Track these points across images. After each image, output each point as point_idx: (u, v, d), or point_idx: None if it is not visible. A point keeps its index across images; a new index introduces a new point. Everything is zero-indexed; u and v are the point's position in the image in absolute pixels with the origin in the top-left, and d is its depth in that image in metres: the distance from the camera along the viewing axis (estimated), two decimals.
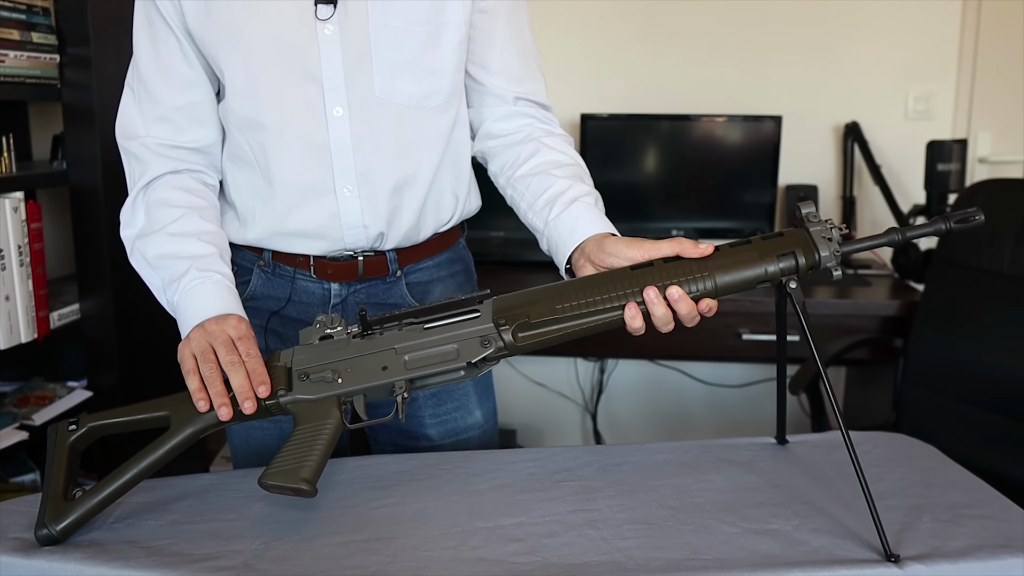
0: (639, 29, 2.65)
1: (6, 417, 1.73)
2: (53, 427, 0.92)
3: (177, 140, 1.08)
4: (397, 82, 1.06)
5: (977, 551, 0.80)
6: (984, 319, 1.92)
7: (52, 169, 1.83)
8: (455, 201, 1.17)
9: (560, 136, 1.16)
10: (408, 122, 1.08)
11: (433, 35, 1.06)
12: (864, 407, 2.61)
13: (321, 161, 1.06)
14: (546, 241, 1.07)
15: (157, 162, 1.08)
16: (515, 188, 1.13)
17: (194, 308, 0.98)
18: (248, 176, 1.10)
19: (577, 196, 1.06)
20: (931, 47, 2.62)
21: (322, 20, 1.02)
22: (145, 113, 1.08)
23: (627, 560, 0.80)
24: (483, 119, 1.17)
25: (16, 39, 1.65)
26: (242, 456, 1.21)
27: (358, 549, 0.83)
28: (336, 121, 1.05)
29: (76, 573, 0.81)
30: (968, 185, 2.24)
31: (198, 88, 1.08)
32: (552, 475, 0.98)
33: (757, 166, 2.53)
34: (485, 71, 1.14)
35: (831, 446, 1.05)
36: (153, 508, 0.93)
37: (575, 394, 2.84)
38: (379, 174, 1.08)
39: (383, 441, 1.23)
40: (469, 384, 1.21)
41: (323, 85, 1.04)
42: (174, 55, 1.06)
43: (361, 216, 1.09)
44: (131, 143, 1.09)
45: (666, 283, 0.89)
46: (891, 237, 0.89)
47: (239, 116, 1.07)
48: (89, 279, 1.84)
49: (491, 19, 1.12)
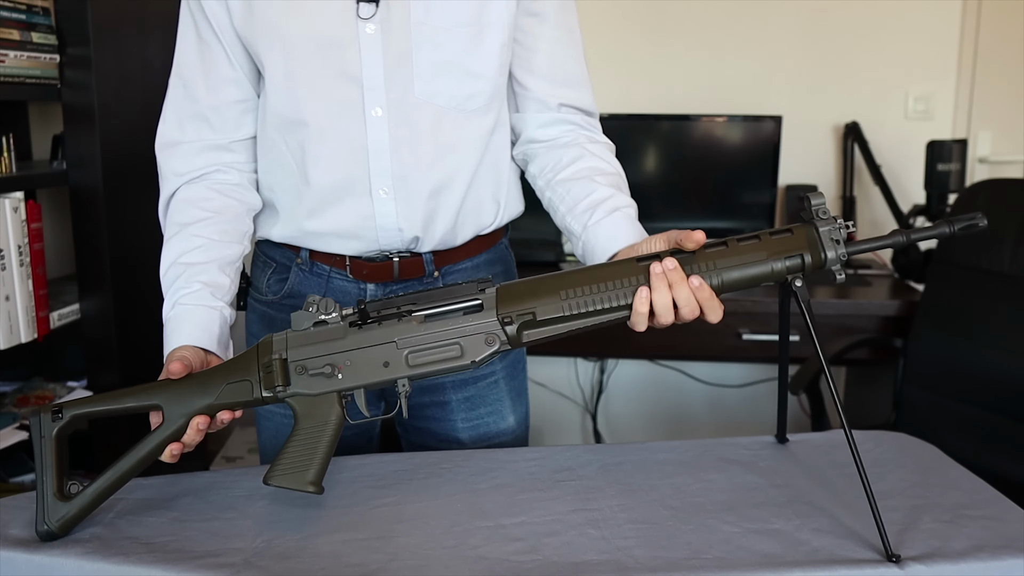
0: (639, 29, 2.65)
1: (6, 417, 1.73)
2: (36, 417, 0.90)
3: (213, 139, 1.08)
4: (437, 83, 1.05)
5: (978, 551, 0.80)
6: (984, 319, 1.92)
7: (52, 169, 1.83)
8: (496, 206, 1.15)
9: (603, 144, 1.16)
10: (447, 124, 1.07)
11: (475, 36, 1.05)
12: (864, 407, 2.61)
13: (358, 162, 1.05)
14: (582, 246, 1.07)
15: (171, 179, 1.08)
16: (555, 191, 1.12)
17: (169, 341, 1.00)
18: (283, 175, 1.09)
19: (618, 206, 1.05)
20: (931, 47, 2.62)
21: (364, 19, 1.01)
22: (182, 111, 1.08)
23: (628, 559, 0.80)
24: (525, 123, 1.16)
25: (16, 39, 1.65)
26: (269, 451, 1.21)
27: (359, 547, 0.83)
28: (375, 122, 1.04)
29: (77, 569, 0.81)
30: (968, 185, 2.24)
31: (238, 87, 1.08)
32: (553, 474, 0.98)
33: (757, 166, 2.53)
34: (530, 75, 1.13)
35: (832, 446, 1.05)
36: (154, 505, 0.93)
37: (575, 394, 2.84)
38: (416, 176, 1.07)
39: (415, 442, 1.22)
40: (503, 390, 1.21)
41: (363, 85, 1.03)
42: (216, 54, 1.06)
43: (396, 219, 1.08)
44: (160, 154, 1.10)
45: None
46: (896, 239, 0.88)
47: (278, 114, 1.06)
48: (89, 279, 1.84)
49: (539, 22, 1.11)
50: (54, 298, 1.83)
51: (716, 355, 2.43)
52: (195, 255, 1.03)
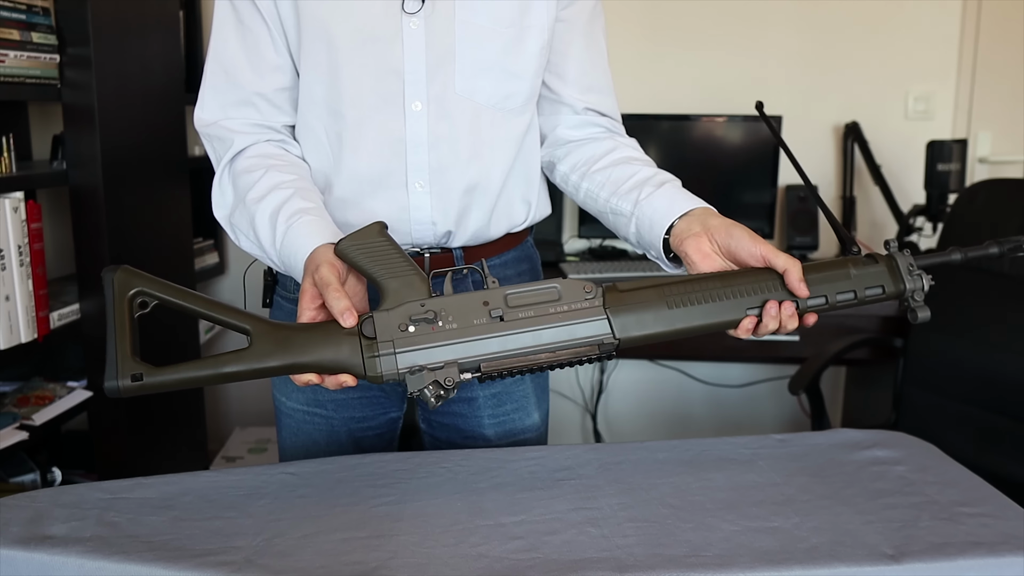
0: (639, 29, 2.65)
1: (6, 417, 1.73)
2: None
3: (261, 121, 1.08)
4: (478, 81, 1.06)
5: (976, 549, 0.80)
6: (984, 319, 1.92)
7: (52, 169, 1.83)
8: (527, 206, 1.17)
9: (633, 141, 1.18)
10: (485, 122, 1.08)
11: (517, 37, 1.06)
12: (864, 407, 2.61)
13: (396, 154, 1.06)
14: (635, 223, 1.06)
15: (240, 138, 1.07)
16: (593, 180, 1.13)
17: (293, 261, 0.97)
18: (318, 161, 1.09)
19: (665, 180, 1.07)
20: (931, 47, 2.62)
21: (409, 14, 1.02)
22: (225, 98, 1.07)
23: (627, 557, 0.80)
24: (555, 126, 1.17)
25: (16, 39, 1.65)
26: (290, 449, 1.21)
27: (359, 545, 0.83)
28: (414, 116, 1.05)
29: (77, 568, 0.81)
30: (968, 185, 2.25)
31: (283, 74, 1.08)
32: (553, 473, 0.99)
33: (757, 166, 2.54)
34: (561, 80, 1.15)
35: (831, 444, 1.05)
36: (155, 504, 0.93)
37: (575, 394, 2.84)
38: (452, 172, 1.08)
39: (440, 439, 1.23)
40: (529, 386, 1.21)
41: (404, 79, 1.04)
42: (261, 40, 1.06)
43: (431, 212, 1.08)
44: (211, 127, 1.08)
45: (783, 299, 0.91)
46: (952, 256, 0.95)
47: (318, 104, 1.06)
48: (89, 279, 1.84)
49: (569, 28, 1.12)
50: (54, 298, 1.83)
51: (716, 355, 2.44)
52: (295, 183, 1.03)
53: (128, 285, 0.86)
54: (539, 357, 0.88)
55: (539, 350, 0.88)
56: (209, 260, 2.57)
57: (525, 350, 0.88)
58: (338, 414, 1.18)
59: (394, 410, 1.22)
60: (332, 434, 1.18)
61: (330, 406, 1.17)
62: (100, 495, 0.94)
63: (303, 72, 1.07)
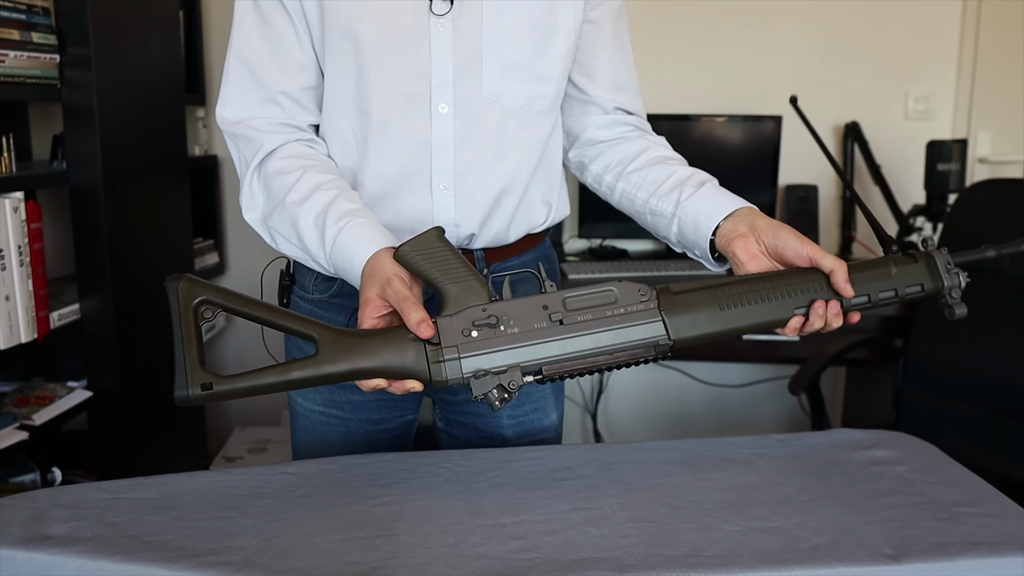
0: (639, 29, 2.64)
1: (6, 417, 1.73)
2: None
3: (286, 120, 1.07)
4: (505, 83, 1.06)
5: (976, 549, 0.80)
6: (984, 319, 1.92)
7: (52, 169, 1.83)
8: (548, 207, 1.17)
9: (663, 139, 1.18)
10: (511, 124, 1.08)
11: (544, 40, 1.06)
12: (864, 407, 2.61)
13: (421, 156, 1.06)
14: (677, 222, 1.07)
15: (269, 138, 1.05)
16: (629, 181, 1.13)
17: (348, 266, 0.97)
18: (346, 164, 1.09)
19: (705, 180, 1.08)
20: (931, 47, 2.62)
21: (438, 15, 1.02)
22: (249, 97, 1.06)
23: (627, 557, 0.80)
24: (585, 127, 1.17)
25: (16, 39, 1.65)
26: (304, 450, 1.20)
27: (359, 545, 0.83)
28: (440, 117, 1.05)
29: (77, 568, 0.81)
30: (968, 185, 2.25)
31: (309, 73, 1.07)
32: (552, 473, 0.99)
33: (757, 166, 2.53)
34: (590, 81, 1.15)
35: (831, 444, 1.05)
36: (155, 504, 0.93)
37: (575, 394, 2.84)
38: (477, 174, 1.07)
39: (459, 437, 1.22)
40: (547, 387, 1.21)
41: (431, 80, 1.03)
42: (286, 38, 1.05)
43: (454, 214, 1.08)
44: (236, 127, 1.06)
45: (829, 299, 0.93)
46: (986, 253, 0.97)
47: (346, 103, 1.06)
48: (89, 279, 1.84)
49: (598, 29, 1.12)
50: (54, 298, 1.83)
51: (716, 355, 2.43)
52: (335, 183, 1.02)
53: (192, 294, 0.87)
54: (598, 359, 0.90)
55: (598, 352, 0.90)
56: (209, 260, 2.57)
57: (584, 352, 0.90)
58: (355, 416, 1.17)
59: (410, 413, 1.21)
60: (348, 435, 1.18)
61: (347, 407, 1.17)
62: (100, 495, 0.94)
63: (328, 71, 1.06)
